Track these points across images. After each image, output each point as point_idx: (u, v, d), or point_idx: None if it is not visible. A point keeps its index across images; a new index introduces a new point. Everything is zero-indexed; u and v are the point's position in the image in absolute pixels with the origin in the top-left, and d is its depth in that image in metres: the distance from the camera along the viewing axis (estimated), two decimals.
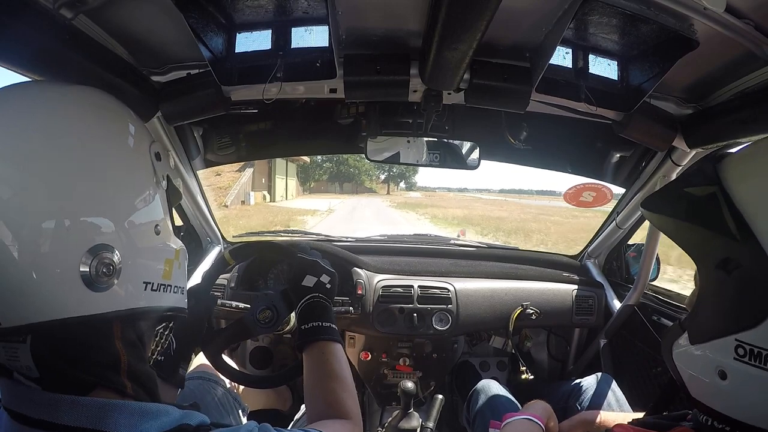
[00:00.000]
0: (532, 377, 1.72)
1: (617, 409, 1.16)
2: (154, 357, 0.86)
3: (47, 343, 0.48)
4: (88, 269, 0.47)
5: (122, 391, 0.52)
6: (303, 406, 1.20)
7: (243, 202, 19.53)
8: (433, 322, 1.55)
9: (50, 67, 0.74)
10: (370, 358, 1.66)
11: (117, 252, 0.50)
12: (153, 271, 0.56)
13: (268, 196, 23.71)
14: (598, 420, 0.97)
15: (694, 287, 0.59)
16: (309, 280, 0.86)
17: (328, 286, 0.87)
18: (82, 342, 0.50)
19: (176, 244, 0.61)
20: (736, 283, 0.47)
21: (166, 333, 0.93)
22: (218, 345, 0.96)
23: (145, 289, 0.54)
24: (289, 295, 0.89)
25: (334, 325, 0.82)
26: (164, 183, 0.60)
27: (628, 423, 0.62)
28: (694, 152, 1.15)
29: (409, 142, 1.36)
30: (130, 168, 0.55)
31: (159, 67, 0.99)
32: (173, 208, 0.65)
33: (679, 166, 1.22)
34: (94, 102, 0.56)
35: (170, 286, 0.58)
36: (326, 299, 0.85)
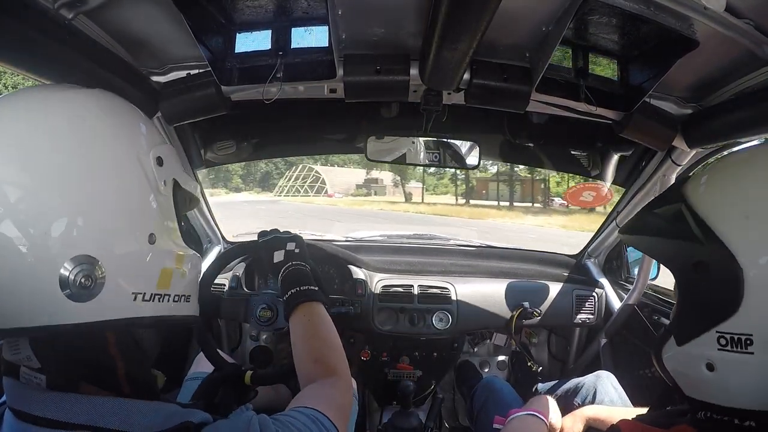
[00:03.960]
0: (540, 368, 1.72)
1: (619, 405, 1.16)
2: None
3: (43, 343, 0.50)
4: (67, 279, 0.47)
5: (117, 390, 0.53)
6: None
7: None
8: (433, 322, 1.55)
9: (50, 67, 0.74)
10: (370, 357, 1.66)
11: (100, 263, 0.49)
12: (144, 282, 0.54)
13: None
14: (600, 415, 0.97)
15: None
16: (277, 256, 0.86)
17: (297, 250, 0.87)
18: (75, 346, 0.51)
19: (180, 250, 0.60)
20: (708, 282, 0.53)
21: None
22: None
23: (135, 300, 0.52)
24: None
25: (312, 287, 0.81)
26: (164, 188, 0.57)
27: (632, 419, 0.64)
28: (694, 152, 1.15)
29: (408, 142, 1.36)
30: (119, 175, 0.52)
31: (159, 67, 0.99)
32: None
33: (679, 165, 1.22)
34: (85, 106, 0.54)
35: (168, 295, 0.56)
36: (300, 264, 0.84)
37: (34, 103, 0.51)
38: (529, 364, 1.70)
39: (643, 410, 0.75)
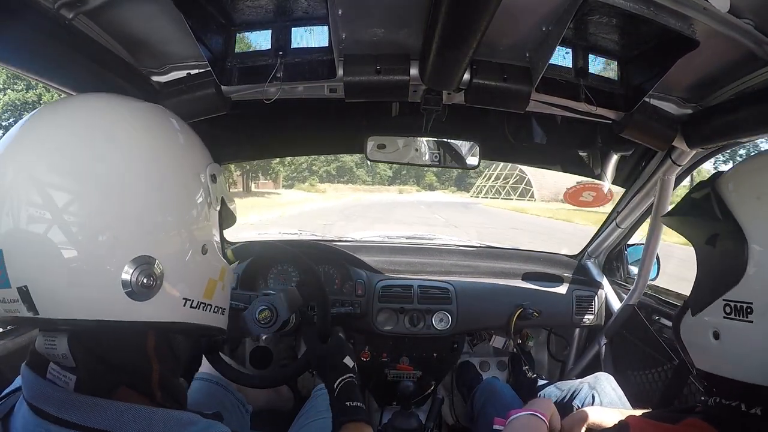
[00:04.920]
0: (535, 375, 1.72)
1: (619, 407, 1.15)
2: None
3: (83, 339, 0.50)
4: (129, 278, 0.49)
5: (151, 397, 0.53)
6: (305, 405, 1.21)
7: None
8: (434, 322, 1.55)
9: (50, 67, 0.74)
10: (370, 357, 1.66)
11: (160, 266, 0.51)
12: (194, 289, 0.56)
13: None
14: (601, 416, 0.97)
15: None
16: (349, 361, 0.93)
17: (354, 369, 0.95)
18: (115, 345, 0.52)
19: (223, 264, 0.62)
20: (719, 252, 0.59)
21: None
22: (216, 343, 0.98)
23: (184, 306, 0.55)
24: (299, 309, 0.99)
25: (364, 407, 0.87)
26: (218, 205, 0.60)
27: (640, 416, 0.66)
28: (694, 152, 1.15)
29: (409, 142, 1.36)
30: (182, 188, 0.55)
31: (159, 67, 0.99)
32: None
33: (679, 165, 1.22)
34: (155, 120, 0.57)
35: (210, 305, 0.59)
36: (357, 382, 0.91)
37: (111, 113, 0.54)
38: (525, 368, 1.70)
39: (645, 411, 0.75)
